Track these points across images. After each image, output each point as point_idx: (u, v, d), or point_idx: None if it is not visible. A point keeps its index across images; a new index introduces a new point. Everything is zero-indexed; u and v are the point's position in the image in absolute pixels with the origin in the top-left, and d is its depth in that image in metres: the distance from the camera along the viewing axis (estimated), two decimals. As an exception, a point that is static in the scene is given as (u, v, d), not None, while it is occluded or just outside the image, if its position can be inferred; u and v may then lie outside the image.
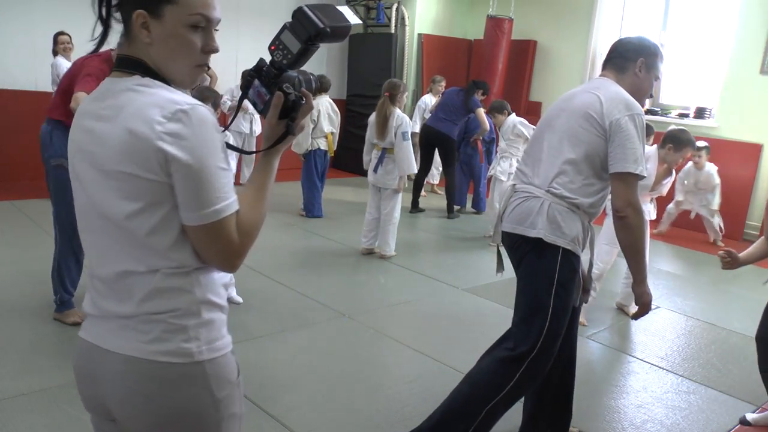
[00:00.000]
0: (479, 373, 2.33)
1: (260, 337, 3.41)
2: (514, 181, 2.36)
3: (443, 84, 7.45)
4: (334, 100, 8.96)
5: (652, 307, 4.32)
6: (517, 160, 5.55)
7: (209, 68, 7.24)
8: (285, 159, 1.24)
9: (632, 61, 2.24)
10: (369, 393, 2.91)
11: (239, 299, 3.85)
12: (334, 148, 6.25)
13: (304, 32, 1.13)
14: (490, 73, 7.93)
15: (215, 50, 1.13)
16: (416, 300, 4.20)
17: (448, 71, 8.91)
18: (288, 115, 1.17)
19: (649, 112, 7.46)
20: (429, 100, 7.50)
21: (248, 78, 1.20)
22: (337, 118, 6.12)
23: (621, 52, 2.27)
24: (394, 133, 4.80)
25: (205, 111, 1.06)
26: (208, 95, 3.92)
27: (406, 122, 4.84)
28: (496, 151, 6.05)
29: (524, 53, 8.27)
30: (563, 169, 2.16)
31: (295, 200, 6.67)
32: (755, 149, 6.52)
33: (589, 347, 3.59)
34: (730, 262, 2.73)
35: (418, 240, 5.63)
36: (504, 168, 5.59)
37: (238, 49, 7.95)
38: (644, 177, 2.11)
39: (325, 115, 6.01)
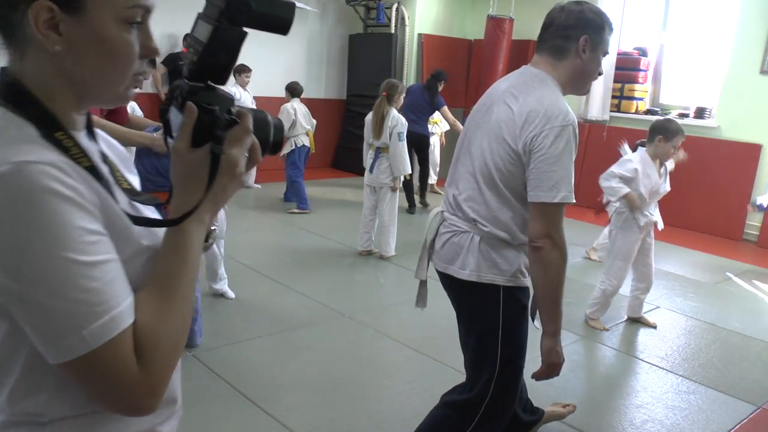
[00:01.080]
0: (436, 420, 2.14)
1: (260, 337, 3.41)
2: (442, 207, 2.06)
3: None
4: (334, 100, 8.96)
5: (652, 306, 4.32)
6: None
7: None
8: (266, 159, 0.90)
9: (574, 40, 1.81)
10: (369, 393, 2.91)
11: (232, 294, 3.90)
12: (314, 145, 6.59)
13: (214, 9, 0.78)
14: (490, 73, 7.92)
15: (156, 53, 0.80)
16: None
17: (448, 71, 8.88)
18: (208, 139, 0.77)
19: (648, 112, 7.47)
20: None
21: (163, 110, 0.83)
22: (310, 118, 6.50)
23: (558, 32, 1.83)
24: (389, 133, 4.82)
25: (34, 175, 0.65)
26: None
27: (402, 123, 4.87)
28: None
29: (524, 53, 8.27)
30: (487, 202, 1.84)
31: (282, 201, 6.72)
32: (755, 149, 6.51)
33: (590, 347, 3.59)
34: None
35: (417, 240, 5.61)
36: None
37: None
38: (568, 203, 1.78)
39: (301, 113, 6.36)
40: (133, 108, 5.72)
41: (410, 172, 5.06)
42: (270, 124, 0.85)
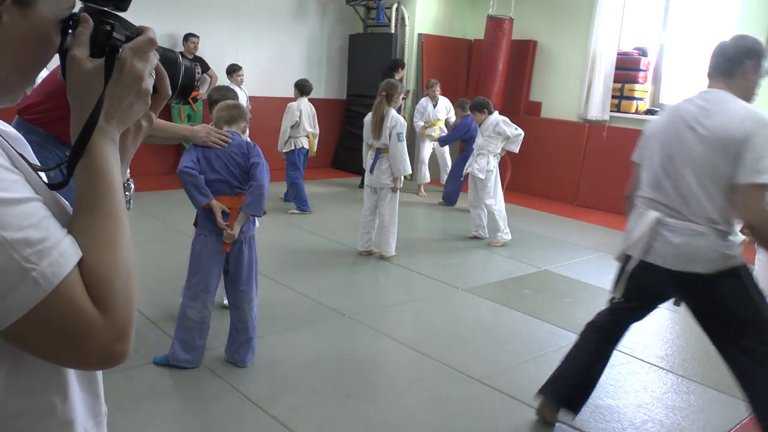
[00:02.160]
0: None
1: (260, 337, 3.41)
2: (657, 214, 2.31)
3: (437, 88, 7.43)
4: (334, 100, 8.96)
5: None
6: (495, 157, 5.56)
7: (209, 68, 7.27)
8: (266, 160, 0.92)
9: (739, 65, 2.23)
10: (369, 393, 2.91)
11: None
12: (315, 149, 6.55)
13: None
14: (490, 73, 7.93)
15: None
16: (416, 300, 4.20)
17: (448, 71, 8.91)
18: (107, 49, 0.70)
19: (649, 112, 7.46)
20: (426, 104, 7.52)
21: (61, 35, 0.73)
22: (315, 121, 6.44)
23: (727, 57, 2.27)
24: (389, 133, 4.82)
25: None
26: (225, 94, 3.66)
27: (401, 123, 4.87)
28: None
29: (524, 53, 8.27)
30: (720, 205, 2.18)
31: (282, 200, 6.72)
32: (755, 149, 6.52)
33: (589, 347, 3.59)
34: None
35: (417, 240, 5.63)
36: (482, 165, 5.56)
37: (238, 49, 7.95)
38: None
39: (306, 115, 6.29)
40: None
41: (410, 172, 5.06)
42: (180, 65, 0.79)
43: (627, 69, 7.50)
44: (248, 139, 3.15)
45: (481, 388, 3.00)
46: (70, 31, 0.71)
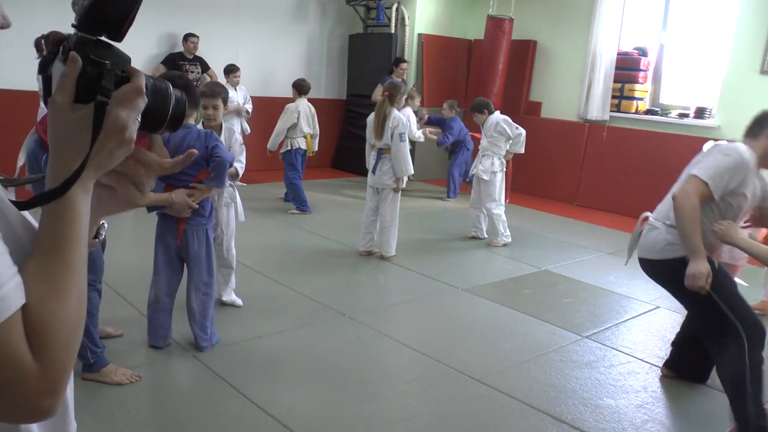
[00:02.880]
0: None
1: (260, 337, 3.41)
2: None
3: (416, 100, 7.31)
4: (334, 100, 8.95)
5: (651, 306, 4.32)
6: (499, 159, 5.54)
7: (209, 68, 7.27)
8: (263, 160, 0.91)
9: (764, 128, 2.78)
10: (369, 393, 2.91)
11: (239, 301, 3.85)
12: (315, 149, 6.52)
13: None
14: (490, 73, 7.93)
15: (7, 24, 0.70)
16: (416, 300, 4.20)
17: (448, 71, 8.92)
18: (94, 95, 0.67)
19: (649, 112, 7.47)
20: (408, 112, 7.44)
21: (43, 63, 0.71)
22: (314, 121, 6.39)
23: (758, 122, 2.84)
24: (390, 134, 4.81)
25: None
26: (218, 90, 3.67)
27: (403, 123, 4.85)
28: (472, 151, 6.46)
29: (524, 53, 8.27)
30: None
31: (282, 200, 6.72)
32: (755, 149, 6.52)
33: (589, 347, 3.59)
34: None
35: (418, 240, 5.63)
36: (486, 167, 5.53)
37: (238, 49, 7.95)
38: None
39: (304, 116, 6.24)
40: None
41: (412, 172, 5.06)
42: (171, 95, 0.77)
43: (627, 69, 7.50)
44: (201, 127, 3.23)
45: (481, 388, 3.00)
46: (58, 57, 0.68)
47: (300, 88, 6.38)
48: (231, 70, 7.09)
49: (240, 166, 3.73)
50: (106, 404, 2.64)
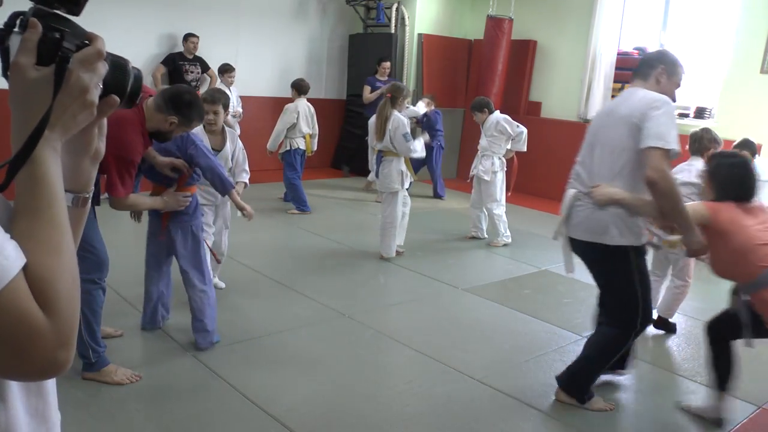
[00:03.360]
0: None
1: (260, 337, 3.41)
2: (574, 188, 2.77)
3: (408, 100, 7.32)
4: (334, 100, 8.95)
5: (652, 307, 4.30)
6: (499, 158, 5.53)
7: (209, 68, 7.28)
8: (263, 161, 0.94)
9: (654, 69, 2.71)
10: (369, 393, 2.91)
11: (221, 284, 3.99)
12: (314, 149, 6.49)
13: None
14: (490, 73, 7.93)
15: None
16: (416, 300, 4.20)
17: (448, 71, 8.92)
18: (56, 56, 0.69)
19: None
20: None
21: (2, 32, 0.70)
22: (313, 120, 6.36)
23: (645, 63, 2.74)
24: (390, 136, 4.79)
25: None
26: (218, 97, 3.73)
27: (404, 124, 4.80)
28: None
29: (524, 53, 8.27)
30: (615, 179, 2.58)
31: (281, 200, 6.73)
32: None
33: (589, 347, 3.59)
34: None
35: (418, 240, 5.63)
36: (486, 167, 5.51)
37: (238, 48, 7.95)
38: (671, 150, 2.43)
39: (303, 116, 6.21)
40: None
41: (417, 155, 5.01)
42: (129, 72, 0.79)
43: (627, 69, 7.49)
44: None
45: (481, 388, 3.00)
46: (15, 30, 0.69)
47: (299, 88, 6.36)
48: (226, 70, 7.08)
49: (246, 176, 3.87)
50: (106, 404, 2.64)
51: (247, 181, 3.92)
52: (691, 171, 3.74)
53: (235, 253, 4.69)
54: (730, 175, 2.65)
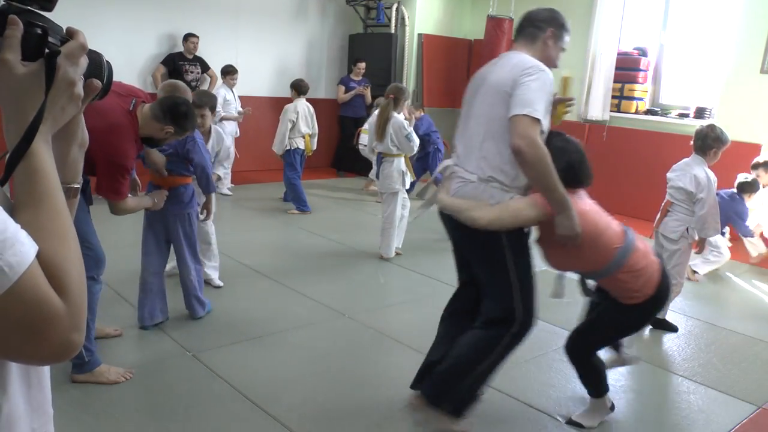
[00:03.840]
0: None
1: (260, 337, 3.41)
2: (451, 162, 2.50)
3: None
4: (334, 100, 8.94)
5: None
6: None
7: (209, 68, 7.30)
8: (262, 161, 0.95)
9: (542, 31, 2.50)
10: (369, 393, 2.91)
11: (219, 282, 4.05)
12: (313, 149, 6.50)
13: None
14: (490, 73, 7.91)
15: None
16: (416, 300, 4.20)
17: (448, 71, 8.92)
18: (40, 52, 0.70)
19: (649, 112, 7.46)
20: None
21: None
22: (313, 121, 6.37)
23: (532, 23, 2.51)
24: (391, 137, 4.80)
25: None
26: (206, 101, 3.84)
27: (404, 124, 4.82)
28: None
29: (524, 53, 8.27)
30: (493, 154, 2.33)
31: (282, 201, 6.73)
32: (755, 149, 6.51)
33: (589, 347, 3.59)
34: None
35: (418, 240, 5.62)
36: None
37: (238, 48, 7.95)
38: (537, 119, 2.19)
39: (303, 116, 6.22)
40: None
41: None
42: (104, 65, 0.83)
43: (627, 69, 7.50)
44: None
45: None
46: None
47: (299, 88, 6.37)
48: (229, 72, 7.06)
49: (224, 171, 4.02)
50: (106, 404, 2.63)
51: (221, 175, 4.21)
52: (686, 173, 3.69)
53: (235, 252, 4.69)
54: (569, 160, 2.39)
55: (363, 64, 8.07)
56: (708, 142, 3.66)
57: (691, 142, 3.76)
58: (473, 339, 2.45)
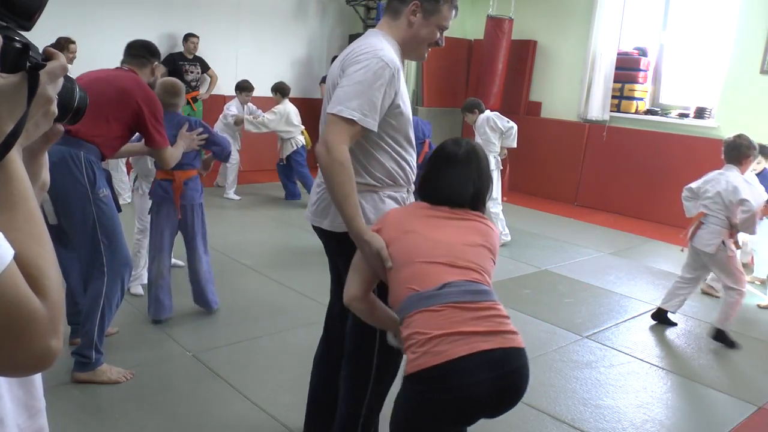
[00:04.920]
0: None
1: (260, 337, 3.41)
2: None
3: None
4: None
5: (652, 307, 4.32)
6: (494, 157, 5.51)
7: (209, 68, 7.30)
8: (262, 161, 0.90)
9: (405, 5, 1.99)
10: (369, 393, 2.90)
11: (180, 263, 4.10)
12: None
13: None
14: (489, 73, 7.93)
15: None
16: (416, 300, 4.19)
17: (448, 71, 8.91)
18: (20, 64, 0.71)
19: (649, 112, 7.46)
20: None
21: None
22: (298, 119, 6.72)
23: None
24: None
25: None
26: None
27: None
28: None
29: (524, 53, 8.27)
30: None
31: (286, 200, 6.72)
32: (755, 149, 6.52)
33: (589, 347, 3.59)
34: None
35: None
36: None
37: (238, 49, 7.95)
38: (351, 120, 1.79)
39: (295, 115, 6.61)
40: None
41: None
42: (76, 91, 0.84)
43: (627, 69, 7.50)
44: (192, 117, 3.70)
45: (481, 388, 2.99)
46: None
47: (283, 91, 6.66)
48: (245, 88, 6.85)
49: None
50: (106, 404, 2.63)
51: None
52: (720, 181, 3.65)
53: (234, 252, 4.69)
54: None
55: None
56: (743, 150, 3.63)
57: (722, 156, 3.74)
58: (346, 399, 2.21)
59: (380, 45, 1.90)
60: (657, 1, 7.41)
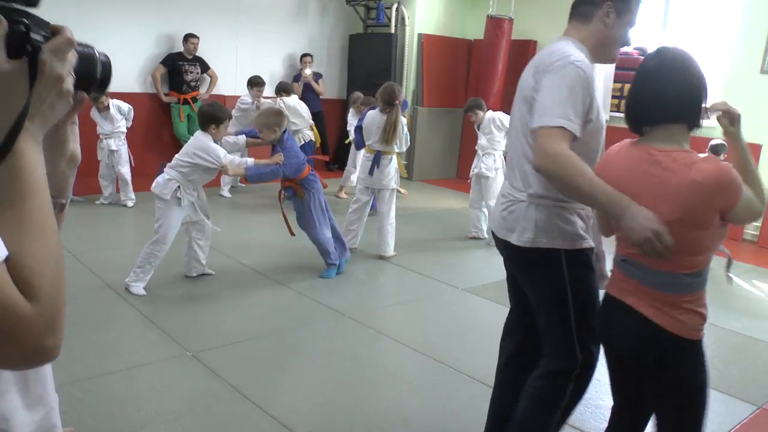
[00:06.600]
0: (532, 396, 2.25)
1: (260, 336, 3.41)
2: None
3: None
4: (334, 100, 8.95)
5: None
6: (500, 156, 5.55)
7: (209, 68, 7.33)
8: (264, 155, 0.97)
9: (598, 6, 2.00)
10: (369, 393, 2.91)
11: (208, 270, 4.21)
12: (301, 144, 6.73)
13: None
14: (489, 73, 7.93)
15: None
16: (416, 300, 4.20)
17: (448, 71, 8.91)
18: (25, 49, 0.70)
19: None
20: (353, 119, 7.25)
21: None
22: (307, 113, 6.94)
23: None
24: (399, 139, 4.95)
25: None
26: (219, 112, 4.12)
27: (404, 122, 5.02)
28: None
29: (524, 53, 8.26)
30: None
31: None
32: (755, 149, 6.52)
33: (589, 347, 3.59)
34: None
35: (417, 240, 5.63)
36: (489, 165, 5.54)
37: (238, 49, 7.95)
38: (565, 129, 1.75)
39: (301, 108, 6.77)
40: (118, 106, 5.73)
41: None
42: (97, 59, 0.80)
43: (627, 69, 7.49)
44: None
45: (481, 388, 2.99)
46: None
47: (287, 90, 6.84)
48: (257, 84, 6.89)
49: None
50: (106, 404, 2.63)
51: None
52: None
53: (234, 252, 4.69)
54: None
55: (308, 58, 8.12)
56: None
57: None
58: (536, 392, 2.17)
59: (571, 50, 1.91)
60: (657, 1, 7.41)
